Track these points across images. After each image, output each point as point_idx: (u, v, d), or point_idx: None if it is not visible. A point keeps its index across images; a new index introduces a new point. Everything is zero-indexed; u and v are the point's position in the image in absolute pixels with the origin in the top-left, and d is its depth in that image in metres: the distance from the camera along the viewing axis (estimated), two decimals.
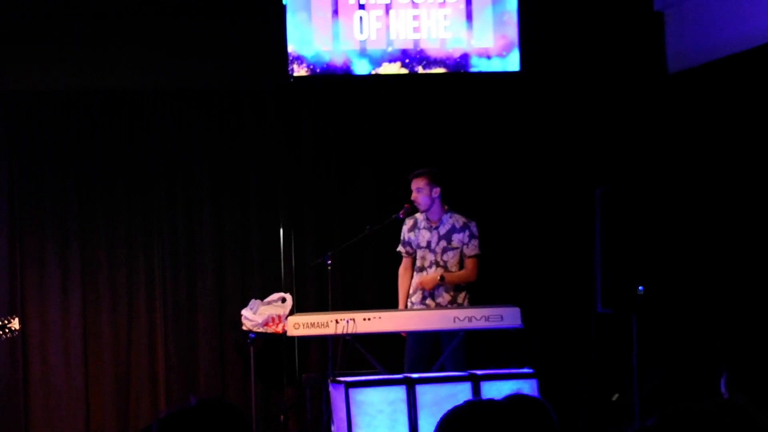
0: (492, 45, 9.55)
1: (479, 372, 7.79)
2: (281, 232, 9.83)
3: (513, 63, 9.55)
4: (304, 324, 8.05)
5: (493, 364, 8.35)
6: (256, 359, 9.35)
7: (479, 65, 9.55)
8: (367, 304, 9.40)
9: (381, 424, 7.50)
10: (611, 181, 8.80)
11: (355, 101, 9.93)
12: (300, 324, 8.05)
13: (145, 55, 9.61)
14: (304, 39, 9.43)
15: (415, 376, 7.80)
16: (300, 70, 9.42)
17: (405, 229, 8.80)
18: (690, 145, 9.54)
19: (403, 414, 7.53)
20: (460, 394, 7.49)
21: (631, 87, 9.95)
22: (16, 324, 8.17)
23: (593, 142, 9.87)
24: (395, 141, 9.88)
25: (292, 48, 9.41)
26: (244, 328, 9.39)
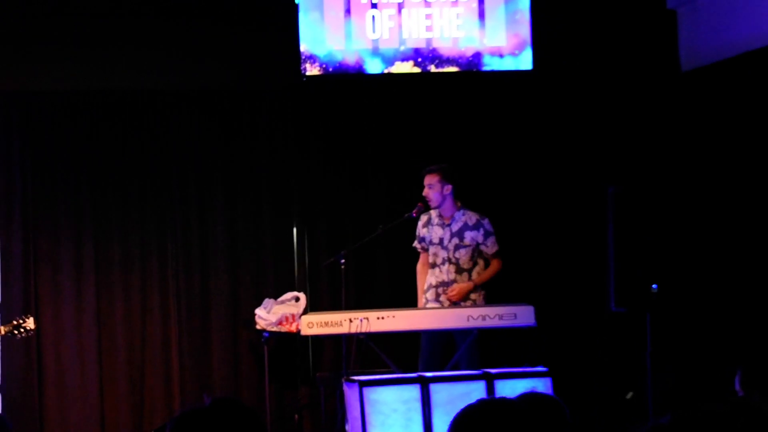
0: (504, 43, 9.54)
1: (493, 370, 7.79)
2: (294, 231, 9.84)
3: (526, 62, 9.54)
4: (317, 323, 8.05)
5: (507, 362, 8.34)
6: (270, 358, 9.34)
7: (492, 64, 9.54)
8: (381, 302, 9.39)
9: (395, 423, 7.50)
10: (624, 180, 8.80)
11: (368, 100, 9.93)
12: (314, 323, 8.06)
13: (157, 57, 9.60)
14: (316, 38, 9.43)
15: (429, 374, 7.80)
16: (312, 69, 9.42)
17: (420, 225, 8.81)
18: (703, 144, 9.51)
19: (418, 413, 7.52)
20: (474, 392, 7.47)
21: (644, 85, 9.92)
22: (31, 324, 8.20)
23: (606, 140, 9.85)
24: (408, 140, 9.87)
25: (304, 47, 9.42)
26: (257, 327, 9.40)
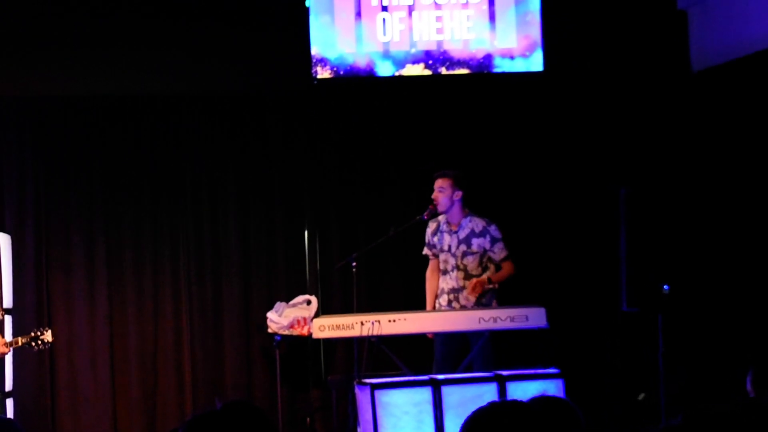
0: (515, 45, 9.53)
1: (505, 372, 7.78)
2: (306, 234, 9.84)
3: (536, 63, 9.54)
4: (329, 326, 8.05)
5: (519, 364, 8.33)
6: (281, 361, 9.35)
7: (502, 66, 9.54)
8: (392, 305, 9.37)
9: (407, 425, 7.49)
10: (636, 181, 8.79)
11: (379, 103, 9.93)
12: (325, 326, 8.06)
13: (169, 61, 9.62)
14: (327, 41, 9.44)
15: (441, 377, 7.79)
16: (323, 72, 9.43)
17: (429, 232, 8.79)
18: (715, 145, 9.49)
19: (429, 415, 7.52)
20: (486, 394, 7.47)
21: (655, 86, 9.91)
22: (49, 336, 8.17)
23: (617, 141, 9.84)
24: (419, 142, 9.87)
25: (315, 50, 9.43)
26: (269, 330, 9.40)
